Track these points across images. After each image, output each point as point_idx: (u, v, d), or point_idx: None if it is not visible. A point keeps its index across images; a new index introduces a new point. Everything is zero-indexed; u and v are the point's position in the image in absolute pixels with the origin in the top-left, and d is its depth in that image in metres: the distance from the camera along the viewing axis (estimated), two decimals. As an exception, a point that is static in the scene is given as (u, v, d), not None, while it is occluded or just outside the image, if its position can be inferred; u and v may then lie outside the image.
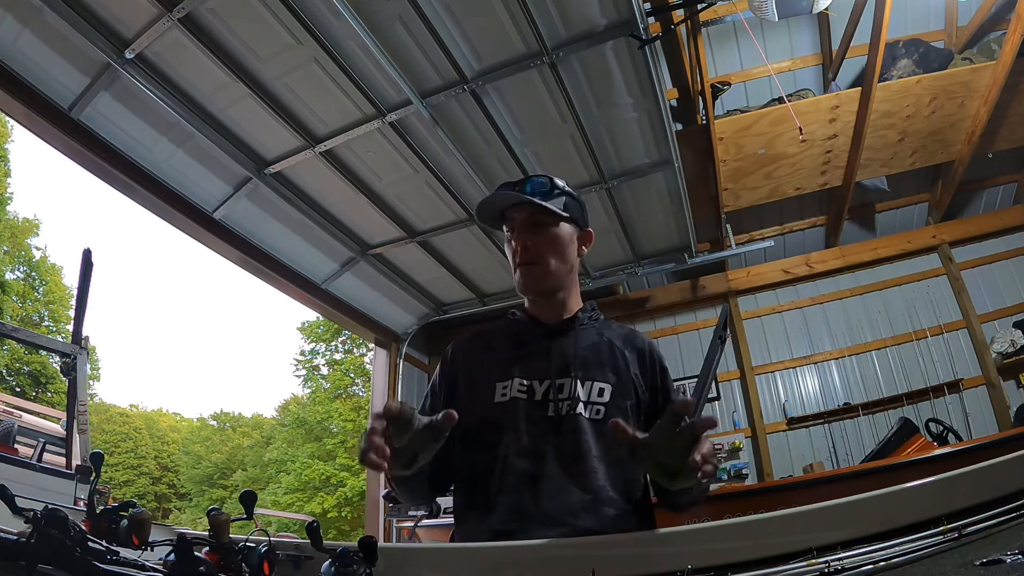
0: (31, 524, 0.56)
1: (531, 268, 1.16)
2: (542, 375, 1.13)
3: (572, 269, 1.21)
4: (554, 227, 1.17)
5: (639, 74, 3.19)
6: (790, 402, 5.11)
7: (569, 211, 1.19)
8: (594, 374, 1.14)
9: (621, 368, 1.17)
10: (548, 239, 1.17)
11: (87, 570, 0.57)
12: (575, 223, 1.21)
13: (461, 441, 1.14)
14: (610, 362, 1.17)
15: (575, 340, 1.18)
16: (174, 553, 0.61)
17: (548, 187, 1.18)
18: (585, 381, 1.13)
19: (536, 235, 1.16)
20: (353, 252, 4.51)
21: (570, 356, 1.15)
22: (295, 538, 0.84)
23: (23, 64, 2.79)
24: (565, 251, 1.18)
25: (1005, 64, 4.08)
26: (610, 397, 1.13)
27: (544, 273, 1.17)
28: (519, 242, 1.16)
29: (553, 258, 1.17)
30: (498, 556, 0.78)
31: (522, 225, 1.17)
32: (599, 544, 0.78)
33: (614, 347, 1.19)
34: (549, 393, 1.11)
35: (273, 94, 3.17)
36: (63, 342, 4.19)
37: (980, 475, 0.73)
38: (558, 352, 1.16)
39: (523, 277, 1.17)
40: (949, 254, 5.13)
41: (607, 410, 1.12)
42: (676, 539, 0.76)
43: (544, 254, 1.16)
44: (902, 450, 3.54)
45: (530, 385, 1.13)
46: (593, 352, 1.17)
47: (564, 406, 1.10)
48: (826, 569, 0.64)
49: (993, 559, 0.57)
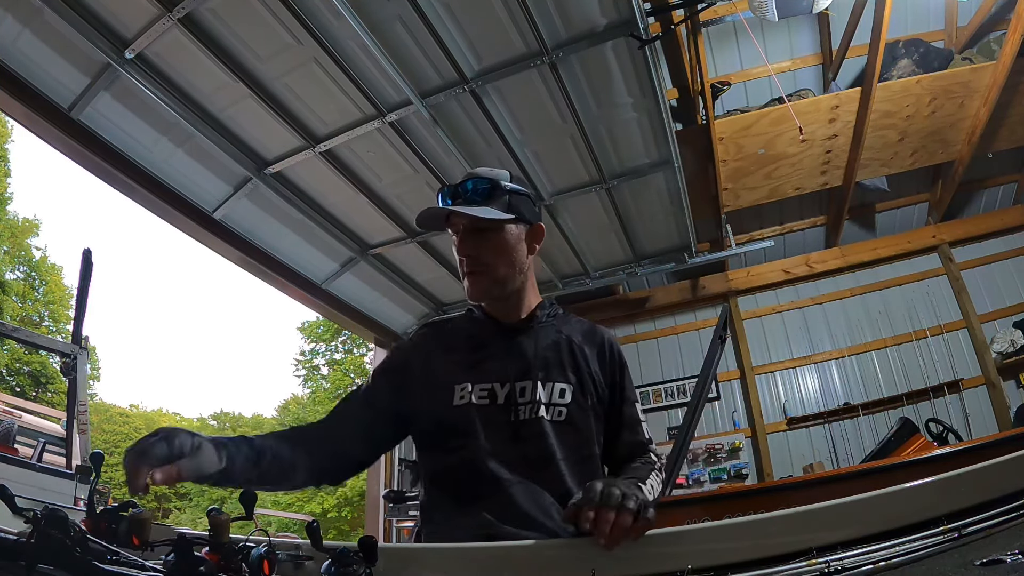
0: (31, 524, 0.56)
1: (478, 277, 1.11)
2: (502, 378, 1.11)
3: (523, 269, 1.15)
4: (499, 231, 1.11)
5: (639, 74, 3.19)
6: (790, 402, 5.11)
7: (514, 210, 1.11)
8: (555, 375, 1.12)
9: (581, 366, 1.15)
10: (493, 245, 1.11)
11: (87, 570, 0.57)
12: (523, 221, 1.14)
13: (421, 443, 1.13)
14: (570, 361, 1.15)
15: (535, 340, 1.15)
16: (174, 553, 0.61)
17: (489, 189, 1.11)
18: (546, 383, 1.11)
19: (480, 242, 1.10)
20: (353, 252, 4.51)
21: (530, 357, 1.13)
22: (295, 538, 0.84)
23: (23, 64, 2.79)
24: (512, 254, 1.12)
25: (1005, 64, 4.08)
26: (571, 398, 1.11)
27: (492, 281, 1.12)
28: (462, 250, 1.10)
29: (500, 264, 1.11)
30: (498, 556, 0.78)
31: (465, 231, 1.11)
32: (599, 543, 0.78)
33: (573, 344, 1.17)
34: (511, 397, 1.09)
35: (273, 94, 3.17)
36: (63, 342, 4.19)
37: (980, 475, 0.73)
38: (517, 353, 1.14)
39: (471, 286, 1.12)
40: (949, 254, 5.13)
41: (569, 411, 1.10)
42: (676, 539, 0.76)
43: (490, 261, 1.10)
44: (902, 450, 3.54)
45: (491, 389, 1.10)
46: (553, 351, 1.15)
47: (526, 410, 1.08)
48: (826, 569, 0.64)
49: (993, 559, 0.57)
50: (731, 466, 4.96)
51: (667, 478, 3.81)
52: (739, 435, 5.06)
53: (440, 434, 1.10)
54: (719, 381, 5.27)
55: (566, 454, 1.08)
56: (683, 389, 5.33)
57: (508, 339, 1.16)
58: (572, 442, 1.10)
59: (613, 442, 1.17)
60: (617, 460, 1.17)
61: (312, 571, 0.75)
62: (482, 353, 1.14)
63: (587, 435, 1.12)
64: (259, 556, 0.65)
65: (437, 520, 1.09)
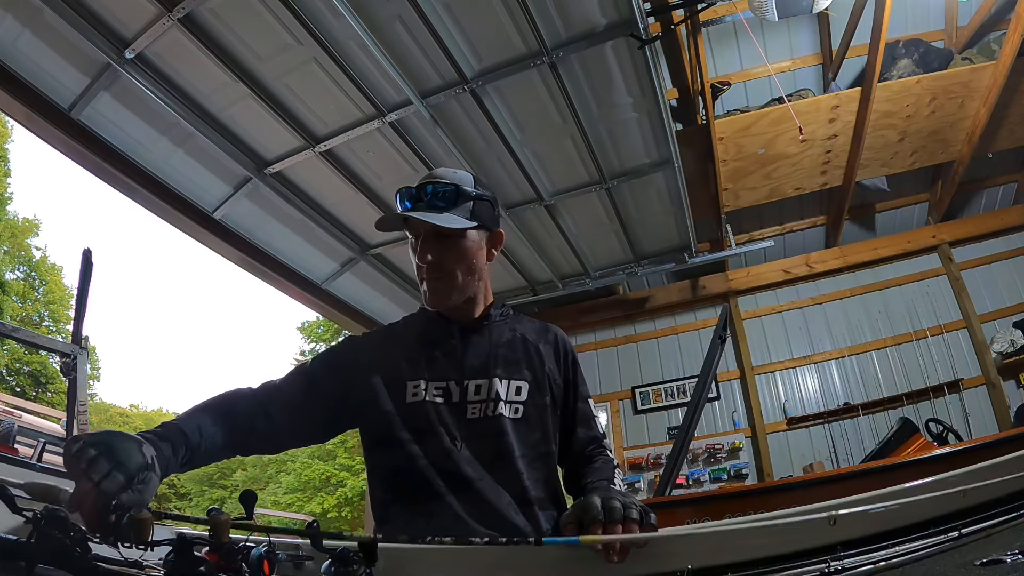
0: (31, 524, 0.56)
1: (438, 284, 1.10)
2: (457, 375, 1.10)
3: (481, 275, 1.15)
4: (461, 238, 1.09)
5: (639, 74, 3.19)
6: (790, 402, 5.11)
7: (476, 216, 1.10)
8: (511, 372, 1.12)
9: (536, 364, 1.15)
10: (454, 251, 1.09)
11: (87, 570, 0.57)
12: (484, 227, 1.13)
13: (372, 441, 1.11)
14: (525, 359, 1.15)
15: (489, 338, 1.15)
16: (174, 553, 0.61)
17: (453, 194, 1.09)
18: (502, 380, 1.10)
19: (440, 247, 1.08)
20: (353, 252, 4.51)
21: (485, 355, 1.12)
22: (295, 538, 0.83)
23: (23, 64, 2.79)
24: (472, 261, 1.11)
25: (1005, 64, 4.08)
26: (527, 395, 1.11)
27: (451, 287, 1.10)
28: (422, 255, 1.08)
29: (460, 270, 1.09)
30: (498, 556, 0.78)
31: (426, 236, 1.09)
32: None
33: (527, 342, 1.17)
34: (466, 395, 1.08)
35: (273, 94, 3.17)
36: (63, 342, 4.19)
37: (980, 475, 0.73)
38: (472, 351, 1.13)
39: (430, 293, 1.10)
40: (949, 254, 5.14)
41: (525, 408, 1.10)
42: (676, 539, 0.76)
43: (450, 268, 1.09)
44: (902, 450, 3.54)
45: (446, 386, 1.09)
46: (508, 349, 1.15)
47: (481, 408, 1.08)
48: (826, 569, 0.64)
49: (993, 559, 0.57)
50: (731, 466, 4.96)
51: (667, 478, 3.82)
52: (739, 435, 5.07)
53: (392, 431, 1.07)
54: (719, 381, 5.27)
55: (524, 451, 1.08)
56: (683, 389, 5.33)
57: (463, 337, 1.14)
58: (529, 439, 1.09)
59: (568, 438, 1.17)
60: (573, 456, 1.17)
61: (312, 571, 0.75)
62: (436, 350, 1.13)
63: (544, 432, 1.12)
64: (259, 556, 0.65)
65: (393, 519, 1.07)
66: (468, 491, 1.02)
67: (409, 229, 1.13)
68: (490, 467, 1.05)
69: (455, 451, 1.05)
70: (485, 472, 1.04)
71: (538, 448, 1.10)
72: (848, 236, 5.47)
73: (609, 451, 1.17)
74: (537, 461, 1.09)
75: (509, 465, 1.06)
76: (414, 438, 1.05)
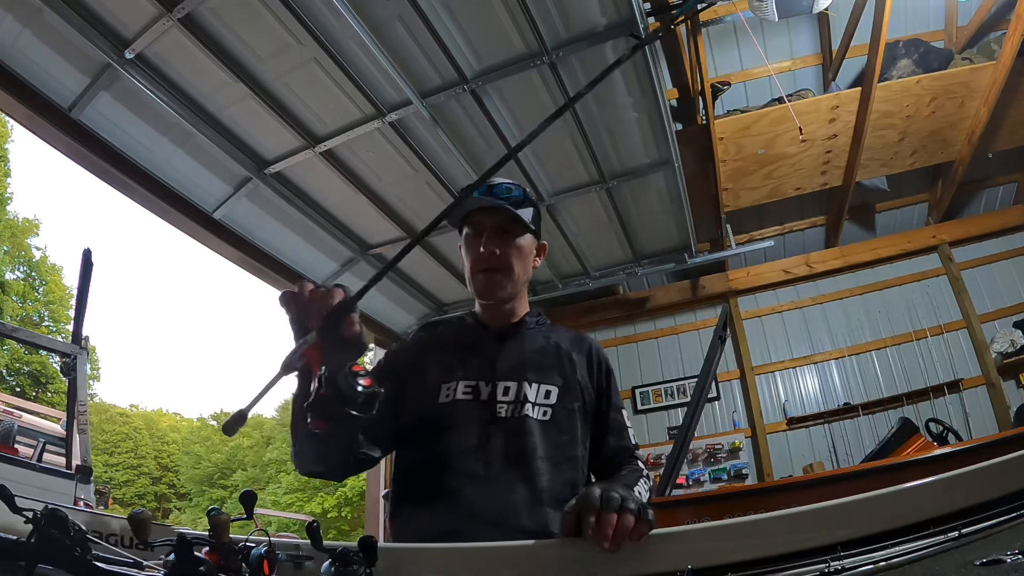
0: (31, 524, 0.56)
1: (495, 275, 1.16)
2: (488, 377, 1.13)
3: (527, 279, 1.23)
4: (520, 236, 1.18)
5: (639, 74, 3.19)
6: (790, 402, 5.11)
7: (533, 222, 1.19)
8: (541, 376, 1.15)
9: (567, 371, 1.18)
10: (515, 248, 1.17)
11: (87, 570, 0.57)
12: (536, 234, 1.22)
13: (403, 440, 1.14)
14: (556, 365, 1.18)
15: (522, 343, 1.20)
16: (174, 553, 0.61)
17: (521, 196, 1.18)
18: (532, 383, 1.13)
19: (504, 243, 1.16)
20: (353, 252, 4.51)
21: (517, 358, 1.16)
22: (295, 538, 0.84)
23: (23, 64, 2.79)
24: (527, 261, 1.20)
25: (1005, 64, 4.08)
26: (557, 399, 1.13)
27: (507, 282, 1.17)
28: (488, 248, 1.15)
29: (517, 268, 1.17)
30: (498, 556, 0.78)
31: (491, 231, 1.16)
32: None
33: (561, 350, 1.21)
34: (495, 394, 1.11)
35: (273, 94, 3.17)
36: (63, 342, 4.20)
37: (980, 475, 0.73)
38: (505, 354, 1.17)
39: (486, 283, 1.17)
40: (949, 254, 5.14)
41: (554, 411, 1.12)
42: (676, 539, 0.76)
43: (510, 263, 1.16)
44: (902, 450, 3.54)
45: (475, 386, 1.12)
46: (540, 355, 1.19)
47: (510, 408, 1.10)
48: (826, 569, 0.64)
49: (993, 559, 0.57)
50: (731, 466, 4.96)
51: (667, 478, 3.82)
52: (739, 435, 5.07)
53: (419, 429, 1.11)
54: (719, 381, 5.27)
55: (548, 452, 1.09)
56: (683, 389, 5.33)
57: (498, 342, 1.19)
58: (556, 441, 1.11)
59: (599, 446, 1.19)
60: (604, 465, 1.18)
61: (312, 571, 0.75)
62: (470, 354, 1.17)
63: (571, 436, 1.13)
64: (259, 556, 0.65)
65: (404, 513, 1.10)
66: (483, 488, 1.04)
67: (469, 224, 1.19)
68: (508, 465, 1.06)
69: (472, 449, 1.07)
70: (504, 470, 1.05)
71: (565, 451, 1.11)
72: (848, 236, 5.47)
73: (641, 462, 1.18)
74: (564, 463, 1.10)
75: (528, 464, 1.07)
76: (439, 436, 1.08)
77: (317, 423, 0.76)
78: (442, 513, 1.03)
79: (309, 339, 0.75)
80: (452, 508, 1.03)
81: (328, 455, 1.02)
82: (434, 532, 1.01)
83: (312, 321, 0.78)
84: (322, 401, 0.74)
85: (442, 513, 1.03)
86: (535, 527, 1.02)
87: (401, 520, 1.10)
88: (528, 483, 1.06)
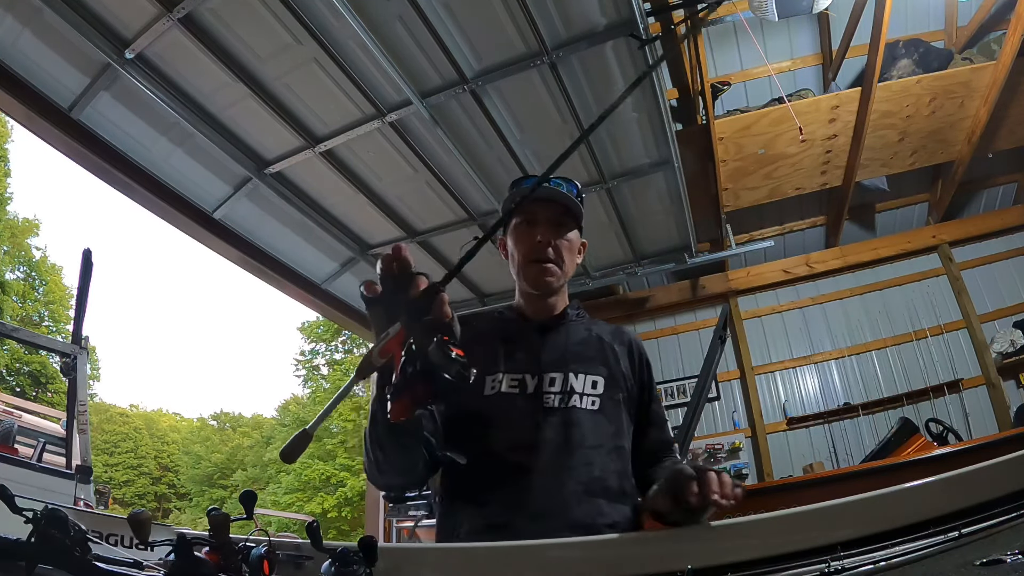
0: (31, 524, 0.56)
1: (548, 267, 1.18)
2: (533, 369, 1.14)
3: (571, 273, 1.25)
4: (572, 231, 1.21)
5: (639, 74, 3.18)
6: (790, 402, 5.11)
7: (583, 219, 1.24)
8: (586, 367, 1.15)
9: (611, 362, 1.18)
10: (568, 242, 1.20)
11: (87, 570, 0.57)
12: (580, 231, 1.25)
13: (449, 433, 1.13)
14: (600, 356, 1.18)
15: (566, 335, 1.20)
16: (174, 553, 0.61)
17: (576, 192, 1.22)
18: (578, 374, 1.14)
19: (558, 235, 1.19)
20: (353, 252, 4.51)
21: (561, 350, 1.17)
22: (295, 538, 0.84)
23: (23, 64, 2.79)
24: (575, 256, 1.23)
25: (1005, 64, 4.08)
26: (603, 389, 1.14)
27: (558, 274, 1.19)
28: (544, 239, 1.17)
29: (567, 260, 1.20)
30: (498, 556, 0.78)
31: (546, 222, 1.18)
32: (599, 544, 0.78)
33: (603, 342, 1.21)
34: (541, 386, 1.12)
35: (273, 94, 3.17)
36: (63, 342, 4.19)
37: (980, 475, 0.73)
38: (549, 346, 1.18)
39: (538, 275, 1.18)
40: (949, 254, 5.14)
41: (602, 401, 1.12)
42: (676, 539, 0.76)
43: (562, 256, 1.19)
44: (902, 450, 3.54)
45: (521, 379, 1.12)
46: (583, 346, 1.19)
47: (558, 399, 1.10)
48: (826, 569, 0.64)
49: (993, 559, 0.57)
50: (731, 466, 4.96)
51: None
52: (739, 435, 5.07)
53: (467, 423, 1.11)
54: (719, 381, 5.27)
55: (597, 442, 1.09)
56: (683, 389, 5.33)
57: (540, 334, 1.20)
58: (604, 432, 1.11)
59: (641, 438, 1.19)
60: (644, 456, 1.18)
61: (312, 571, 0.75)
62: (513, 347, 1.18)
63: (618, 426, 1.14)
64: (259, 556, 0.65)
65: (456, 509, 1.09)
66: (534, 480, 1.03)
67: (525, 213, 1.20)
68: (559, 457, 1.06)
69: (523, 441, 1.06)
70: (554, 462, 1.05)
71: (614, 440, 1.12)
72: (848, 236, 5.47)
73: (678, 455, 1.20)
74: (612, 454, 1.10)
75: (579, 455, 1.07)
76: (487, 430, 1.09)
77: (402, 407, 0.73)
78: (493, 506, 1.03)
79: (392, 331, 0.71)
80: (503, 501, 1.02)
81: (414, 465, 1.00)
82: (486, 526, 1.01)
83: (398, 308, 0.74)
84: (411, 378, 0.72)
85: (493, 506, 1.03)
86: (587, 519, 1.02)
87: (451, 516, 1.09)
88: (579, 474, 1.05)
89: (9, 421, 3.76)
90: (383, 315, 0.76)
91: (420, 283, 0.76)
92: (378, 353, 0.71)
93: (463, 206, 4.13)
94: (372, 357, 0.71)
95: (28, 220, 16.50)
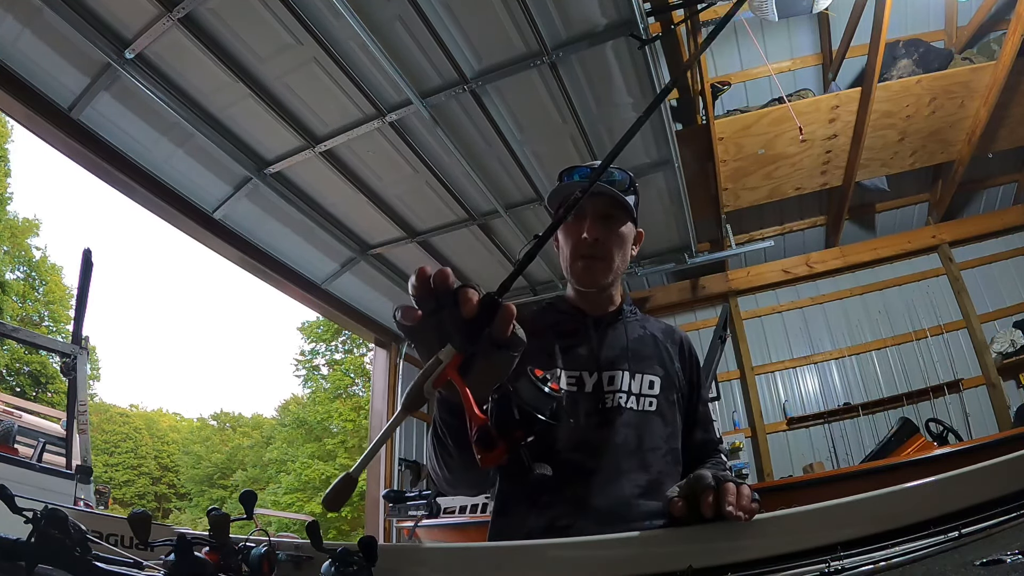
0: (31, 524, 0.56)
1: (596, 263, 1.13)
2: (591, 367, 1.10)
3: (624, 268, 1.19)
4: (623, 224, 1.15)
5: (639, 74, 3.19)
6: (790, 402, 5.11)
7: (636, 209, 1.16)
8: (644, 367, 1.12)
9: (666, 361, 1.16)
10: (617, 235, 1.14)
11: (87, 570, 0.57)
12: (635, 222, 1.19)
13: None
14: (656, 355, 1.16)
15: (624, 332, 1.16)
16: (174, 553, 0.61)
17: (628, 182, 1.15)
18: (636, 373, 1.11)
19: (608, 230, 1.13)
20: (353, 252, 4.51)
21: (619, 348, 1.13)
22: (295, 538, 0.84)
23: (23, 64, 2.79)
24: (627, 250, 1.17)
25: (1005, 64, 4.08)
26: (660, 390, 1.11)
27: (608, 269, 1.14)
28: (591, 234, 1.11)
29: (617, 255, 1.14)
30: (498, 557, 0.78)
31: (594, 216, 1.13)
32: (599, 544, 0.78)
33: (657, 341, 1.19)
34: (601, 385, 1.09)
35: (273, 94, 3.17)
36: (63, 342, 4.20)
37: (980, 475, 0.73)
38: (608, 344, 1.14)
39: (586, 271, 1.14)
40: (949, 254, 5.14)
41: (658, 403, 1.10)
42: (676, 539, 0.76)
43: (610, 250, 1.13)
44: (902, 450, 3.54)
45: (579, 376, 1.09)
46: (640, 344, 1.16)
47: (614, 398, 1.08)
48: (826, 569, 0.64)
49: (993, 559, 0.57)
50: (731, 466, 4.96)
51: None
52: (739, 435, 5.06)
53: None
54: (719, 381, 5.26)
55: (654, 444, 1.07)
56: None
57: (598, 330, 1.16)
58: (660, 433, 1.09)
59: (688, 438, 1.17)
60: (691, 457, 1.16)
61: (312, 571, 0.75)
62: (571, 341, 1.13)
63: (673, 428, 1.12)
64: (259, 556, 0.65)
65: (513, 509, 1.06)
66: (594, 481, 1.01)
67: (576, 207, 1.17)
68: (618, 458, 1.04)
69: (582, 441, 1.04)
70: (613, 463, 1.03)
71: (670, 442, 1.10)
72: (848, 236, 5.48)
73: (724, 455, 1.18)
74: (669, 455, 1.09)
75: (637, 457, 1.05)
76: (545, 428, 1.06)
77: (496, 456, 0.62)
78: (554, 507, 1.01)
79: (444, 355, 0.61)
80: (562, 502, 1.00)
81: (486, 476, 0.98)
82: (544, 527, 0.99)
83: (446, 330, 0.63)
84: (500, 420, 0.63)
85: (554, 507, 1.01)
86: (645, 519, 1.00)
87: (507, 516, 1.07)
88: (638, 475, 1.03)
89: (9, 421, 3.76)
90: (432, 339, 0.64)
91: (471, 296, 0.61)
92: (432, 384, 0.61)
93: (463, 206, 4.13)
94: (425, 389, 0.61)
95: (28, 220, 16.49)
